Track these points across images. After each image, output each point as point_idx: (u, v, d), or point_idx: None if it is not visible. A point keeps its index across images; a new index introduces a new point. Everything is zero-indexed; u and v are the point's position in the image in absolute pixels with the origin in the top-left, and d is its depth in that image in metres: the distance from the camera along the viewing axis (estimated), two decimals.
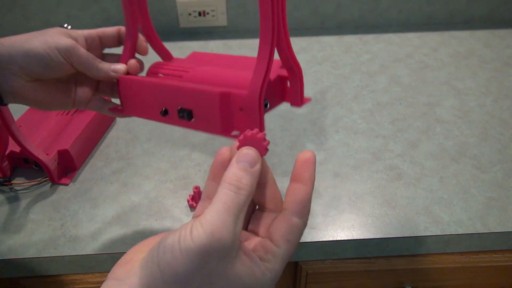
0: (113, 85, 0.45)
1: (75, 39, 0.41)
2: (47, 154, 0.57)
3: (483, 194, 0.56)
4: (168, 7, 0.93)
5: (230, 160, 0.28)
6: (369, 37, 0.94)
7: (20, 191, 0.58)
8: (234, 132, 0.36)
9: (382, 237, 0.51)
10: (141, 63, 0.43)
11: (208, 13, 0.93)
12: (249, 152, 0.27)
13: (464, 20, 0.99)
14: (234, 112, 0.35)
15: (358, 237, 0.51)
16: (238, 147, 0.28)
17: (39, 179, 0.58)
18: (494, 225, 0.52)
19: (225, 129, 0.35)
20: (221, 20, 0.95)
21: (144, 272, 0.24)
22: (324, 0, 0.94)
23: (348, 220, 0.53)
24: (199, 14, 0.93)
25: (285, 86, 0.38)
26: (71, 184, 0.59)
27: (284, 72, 0.37)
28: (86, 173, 0.61)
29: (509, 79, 0.80)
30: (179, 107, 0.37)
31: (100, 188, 0.58)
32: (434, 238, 0.52)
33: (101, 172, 0.61)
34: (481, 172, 0.59)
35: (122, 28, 0.43)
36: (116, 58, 0.44)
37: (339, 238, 0.51)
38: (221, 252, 0.24)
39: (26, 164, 0.60)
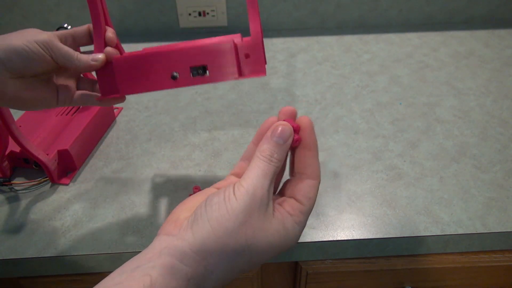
0: (93, 82, 0.47)
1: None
2: (47, 154, 0.57)
3: (483, 194, 0.56)
4: (168, 7, 0.93)
5: None
6: (369, 37, 0.94)
7: (20, 191, 0.58)
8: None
9: (382, 237, 0.51)
10: (116, 50, 0.44)
11: (208, 13, 0.93)
12: (284, 128, 0.32)
13: (464, 20, 0.99)
14: (241, 59, 0.40)
15: (358, 237, 0.51)
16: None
17: (39, 179, 0.58)
18: (494, 225, 0.52)
19: (240, 73, 0.41)
20: (221, 20, 0.95)
21: (196, 227, 0.29)
22: (324, 0, 0.94)
23: (348, 220, 0.53)
24: (199, 14, 0.93)
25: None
26: (71, 184, 0.59)
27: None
28: (86, 173, 0.61)
29: (509, 79, 0.80)
30: (190, 67, 0.40)
31: (100, 188, 0.58)
32: (434, 238, 0.52)
33: (101, 172, 0.61)
34: (481, 172, 0.59)
35: (91, 25, 0.45)
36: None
37: (339, 238, 0.51)
38: (261, 209, 0.29)
39: (26, 164, 0.60)
